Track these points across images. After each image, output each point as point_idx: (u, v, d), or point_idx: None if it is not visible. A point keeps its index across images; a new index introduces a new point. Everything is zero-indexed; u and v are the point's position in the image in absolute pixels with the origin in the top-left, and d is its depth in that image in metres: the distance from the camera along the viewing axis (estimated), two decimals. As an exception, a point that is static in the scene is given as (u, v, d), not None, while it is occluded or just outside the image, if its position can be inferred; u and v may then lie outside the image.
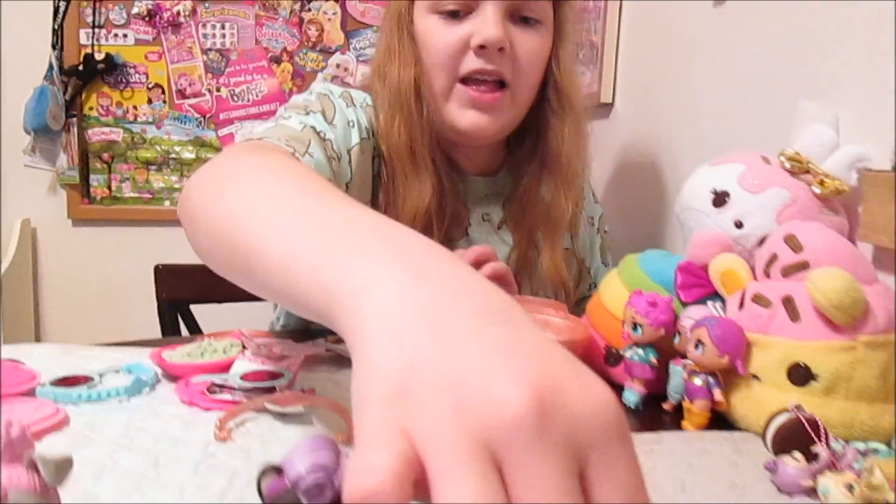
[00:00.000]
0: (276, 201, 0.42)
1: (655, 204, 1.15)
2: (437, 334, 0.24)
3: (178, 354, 0.63)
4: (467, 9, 0.80)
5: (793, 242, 0.57)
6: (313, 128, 0.77)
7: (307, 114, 0.79)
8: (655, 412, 0.61)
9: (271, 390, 0.54)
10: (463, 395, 0.22)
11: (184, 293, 1.21)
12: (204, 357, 0.63)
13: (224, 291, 1.23)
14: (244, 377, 0.55)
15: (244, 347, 0.64)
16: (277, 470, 0.30)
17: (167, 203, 2.17)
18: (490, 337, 0.24)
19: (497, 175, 0.95)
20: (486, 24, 0.78)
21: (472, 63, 0.80)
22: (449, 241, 0.89)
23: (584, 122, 0.91)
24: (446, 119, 0.84)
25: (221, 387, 0.55)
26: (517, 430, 0.21)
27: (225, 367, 0.60)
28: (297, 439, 0.40)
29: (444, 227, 0.87)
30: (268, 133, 0.73)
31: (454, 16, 0.81)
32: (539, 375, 0.22)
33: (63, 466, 0.29)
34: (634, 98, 1.34)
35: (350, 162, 0.81)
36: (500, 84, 0.82)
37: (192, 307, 1.24)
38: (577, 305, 0.96)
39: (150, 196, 2.18)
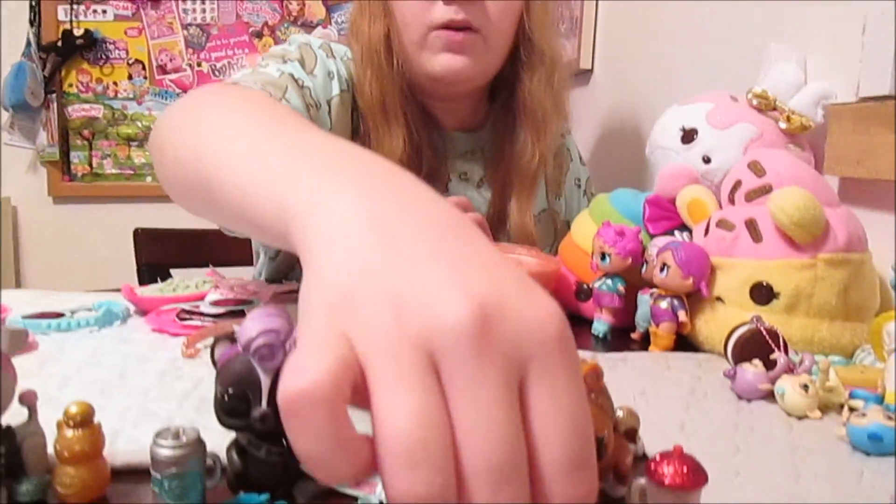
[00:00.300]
0: (242, 127, 0.42)
1: (635, 165, 1.16)
2: (385, 245, 0.24)
3: (150, 290, 0.63)
4: None
5: (756, 167, 0.58)
6: (291, 75, 0.77)
7: (285, 62, 0.79)
8: (624, 342, 0.62)
9: (240, 315, 0.54)
10: (406, 302, 0.22)
11: (163, 257, 1.21)
12: (176, 292, 0.63)
13: (204, 256, 1.23)
14: (214, 303, 0.56)
15: (217, 287, 0.64)
16: (231, 339, 0.31)
17: (149, 179, 2.16)
18: (439, 249, 0.24)
19: (479, 131, 0.95)
20: None
21: (441, 13, 0.80)
22: None
23: (557, 75, 0.90)
24: (421, 68, 0.83)
25: (191, 313, 0.55)
26: (457, 337, 0.21)
27: (196, 300, 0.60)
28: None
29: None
30: (244, 79, 0.73)
31: None
32: (484, 286, 0.22)
33: (17, 336, 0.30)
34: (613, 63, 1.35)
35: (329, 112, 0.81)
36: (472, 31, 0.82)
37: (172, 272, 1.23)
38: None
39: (132, 172, 2.17)
